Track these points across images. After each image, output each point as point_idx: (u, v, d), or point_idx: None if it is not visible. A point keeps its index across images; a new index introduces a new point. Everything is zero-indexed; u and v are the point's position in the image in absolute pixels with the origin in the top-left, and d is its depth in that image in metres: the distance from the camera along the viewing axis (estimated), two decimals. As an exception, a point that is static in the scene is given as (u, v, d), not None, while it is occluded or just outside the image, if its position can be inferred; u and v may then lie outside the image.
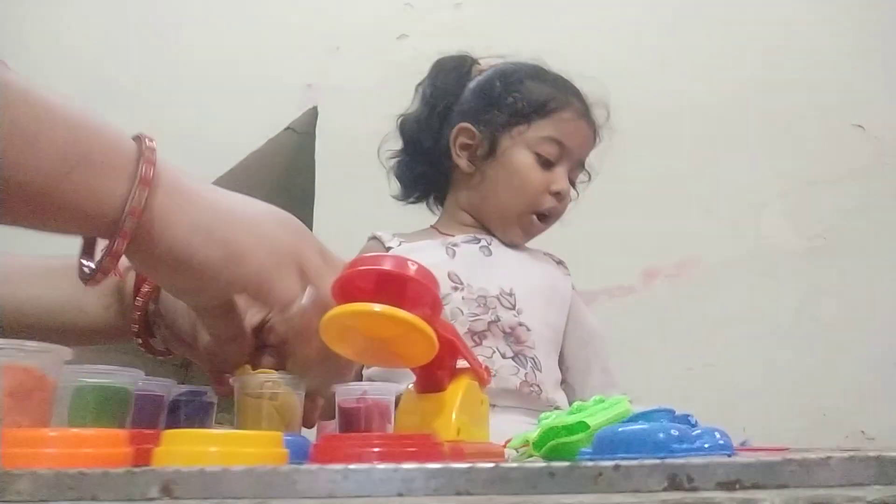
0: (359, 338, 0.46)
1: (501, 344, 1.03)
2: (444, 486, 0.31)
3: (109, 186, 0.41)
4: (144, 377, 0.59)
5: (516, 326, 1.04)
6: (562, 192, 1.08)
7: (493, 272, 1.07)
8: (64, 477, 0.31)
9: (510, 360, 1.01)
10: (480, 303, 1.02)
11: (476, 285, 1.03)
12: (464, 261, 1.06)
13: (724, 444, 0.37)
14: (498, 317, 1.03)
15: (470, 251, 1.08)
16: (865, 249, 1.62)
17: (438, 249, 1.07)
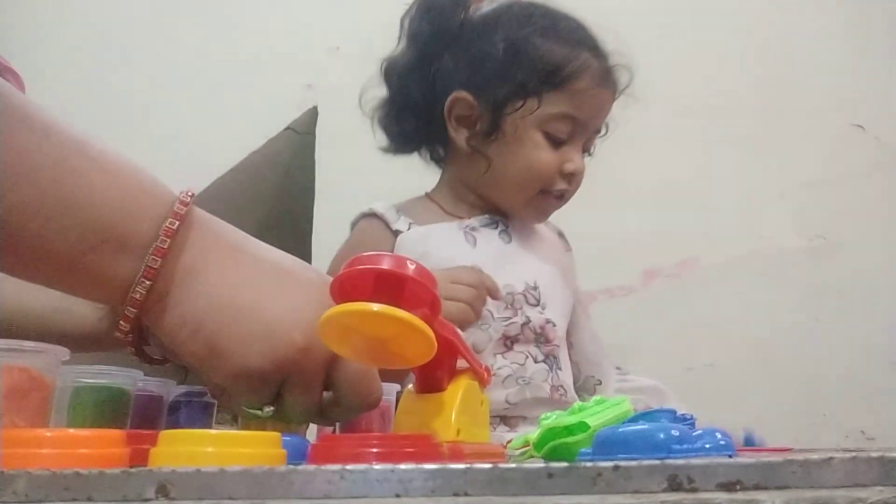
0: (357, 338, 0.46)
1: (532, 347, 0.96)
2: (442, 487, 0.31)
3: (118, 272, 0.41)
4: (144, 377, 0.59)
5: (545, 325, 0.97)
6: (576, 172, 0.97)
7: (516, 263, 0.99)
8: (59, 477, 0.31)
9: (542, 364, 0.96)
10: (508, 302, 0.95)
11: (502, 281, 0.94)
12: (486, 251, 0.97)
13: (725, 444, 0.37)
14: (528, 318, 0.96)
15: (491, 239, 0.99)
16: (865, 249, 1.61)
17: (456, 235, 0.98)
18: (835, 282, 1.61)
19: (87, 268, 0.40)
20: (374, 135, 1.08)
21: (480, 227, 1.00)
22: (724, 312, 1.59)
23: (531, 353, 0.96)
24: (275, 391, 0.46)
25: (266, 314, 0.44)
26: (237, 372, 0.43)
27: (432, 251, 0.95)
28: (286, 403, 0.46)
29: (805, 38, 1.72)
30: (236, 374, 0.44)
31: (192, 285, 0.43)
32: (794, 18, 1.74)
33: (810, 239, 1.64)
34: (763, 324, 1.59)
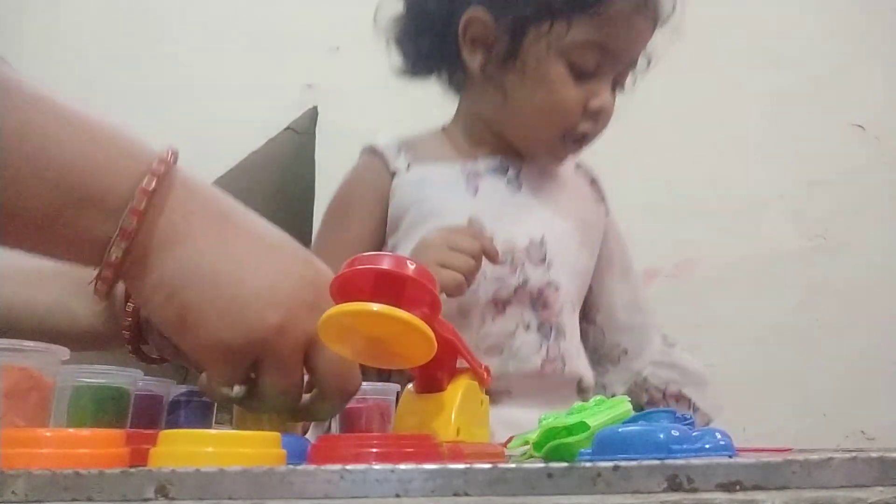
0: (357, 338, 0.46)
1: (527, 312, 0.87)
2: (442, 487, 0.31)
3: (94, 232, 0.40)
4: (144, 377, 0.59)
5: (545, 287, 0.87)
6: (602, 109, 0.87)
7: (521, 215, 0.90)
8: (59, 477, 0.31)
9: (533, 334, 0.86)
10: (507, 259, 0.86)
11: (502, 234, 0.85)
12: (488, 200, 0.89)
13: (725, 444, 0.37)
14: (526, 278, 0.86)
15: (495, 186, 0.90)
16: (865, 249, 1.61)
17: (457, 180, 0.89)
18: (835, 282, 1.60)
19: (62, 227, 0.39)
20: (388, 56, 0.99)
21: (485, 173, 0.90)
22: (724, 312, 1.58)
23: (524, 319, 0.86)
24: (245, 369, 0.44)
25: (243, 287, 0.42)
26: (206, 343, 0.42)
27: (428, 196, 0.88)
28: (262, 386, 0.45)
29: (805, 38, 1.72)
30: (205, 345, 0.42)
31: (171, 250, 0.41)
32: (794, 18, 1.73)
33: (810, 239, 1.64)
34: (763, 324, 1.59)
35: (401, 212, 0.90)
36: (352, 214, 0.94)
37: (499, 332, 0.86)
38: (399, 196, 0.91)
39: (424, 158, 0.92)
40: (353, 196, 0.95)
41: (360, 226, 0.92)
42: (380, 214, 0.92)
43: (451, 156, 0.93)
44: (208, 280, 0.41)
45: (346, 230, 0.93)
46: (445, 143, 0.95)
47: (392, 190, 0.92)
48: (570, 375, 0.88)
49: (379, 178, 0.93)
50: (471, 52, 0.88)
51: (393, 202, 0.91)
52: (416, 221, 0.88)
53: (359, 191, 0.95)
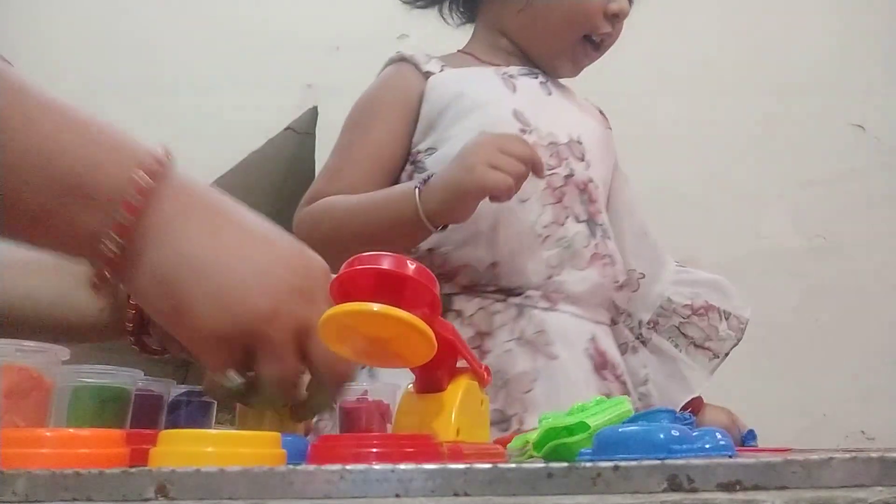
0: (357, 338, 0.46)
1: (577, 204, 0.87)
2: (442, 487, 0.31)
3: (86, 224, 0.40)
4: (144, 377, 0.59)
5: (588, 182, 0.88)
6: (621, 12, 0.89)
7: (559, 113, 0.91)
8: (59, 477, 0.31)
9: (583, 226, 0.86)
10: (552, 151, 0.86)
11: (545, 129, 0.87)
12: (527, 97, 0.89)
13: (725, 444, 0.37)
14: (572, 170, 0.87)
15: (531, 86, 0.91)
16: (865, 249, 1.61)
17: (493, 79, 0.90)
18: (835, 282, 1.61)
19: (56, 219, 0.39)
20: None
21: (519, 76, 0.91)
22: (723, 312, 1.58)
23: (575, 211, 0.86)
24: (237, 357, 0.44)
25: (233, 275, 0.42)
26: (198, 332, 0.42)
27: (468, 92, 0.88)
28: (260, 376, 0.45)
29: (805, 38, 1.72)
30: (197, 334, 0.42)
31: (165, 243, 0.41)
32: (794, 19, 1.73)
33: (810, 239, 1.64)
34: (763, 324, 1.59)
35: (439, 108, 0.87)
36: (377, 117, 0.90)
37: (555, 219, 0.85)
38: (436, 94, 0.88)
39: (456, 65, 0.92)
40: (380, 100, 0.92)
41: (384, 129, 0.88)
42: (408, 118, 0.89)
43: (479, 64, 0.93)
44: (199, 270, 0.42)
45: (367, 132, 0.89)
46: (469, 57, 0.95)
47: (427, 90, 0.89)
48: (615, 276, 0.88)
49: (410, 81, 0.91)
50: None
51: (428, 102, 0.88)
52: (458, 116, 0.86)
53: (387, 95, 0.92)
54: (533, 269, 0.80)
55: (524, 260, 0.80)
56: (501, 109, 0.86)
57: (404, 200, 0.74)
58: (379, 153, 0.86)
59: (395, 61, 0.94)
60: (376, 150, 0.86)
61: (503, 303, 0.78)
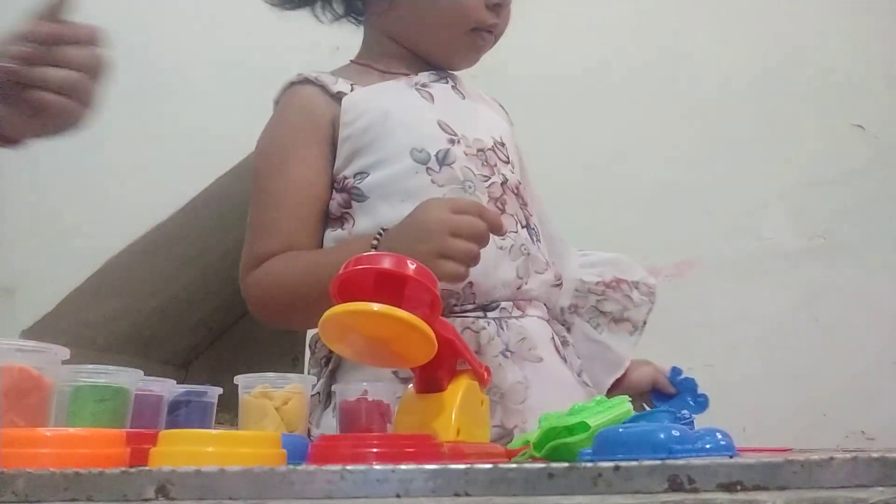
0: (358, 337, 0.46)
1: (517, 209, 0.84)
2: (443, 487, 0.31)
3: None
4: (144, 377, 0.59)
5: (518, 185, 0.85)
6: (502, 2, 0.85)
7: (477, 118, 0.87)
8: (59, 477, 0.31)
9: (526, 232, 0.83)
10: (482, 159, 0.83)
11: (470, 136, 0.83)
12: (445, 105, 0.85)
13: (726, 444, 0.37)
14: (504, 175, 0.83)
15: (445, 92, 0.87)
16: (865, 249, 1.61)
17: (409, 93, 0.85)
18: (835, 282, 1.60)
19: None
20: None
21: (430, 83, 0.87)
22: (724, 312, 1.58)
23: (518, 216, 0.83)
24: None
25: None
26: None
27: (390, 111, 0.82)
28: None
29: (805, 38, 1.72)
30: None
31: None
32: (794, 18, 1.73)
33: (810, 239, 1.64)
34: (763, 324, 1.59)
35: (361, 130, 0.82)
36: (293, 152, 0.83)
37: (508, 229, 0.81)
38: (354, 116, 0.82)
39: (362, 82, 0.86)
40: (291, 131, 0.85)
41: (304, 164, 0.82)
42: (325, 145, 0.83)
43: (383, 77, 0.88)
44: None
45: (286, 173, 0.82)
46: (368, 69, 0.89)
47: (342, 113, 0.83)
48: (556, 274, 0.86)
49: (318, 105, 0.85)
50: None
51: (347, 126, 0.82)
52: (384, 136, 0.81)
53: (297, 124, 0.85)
54: (505, 282, 0.79)
55: (498, 274, 0.79)
56: (426, 124, 0.82)
57: None
58: (307, 193, 0.81)
59: (296, 84, 0.87)
60: (303, 189, 0.81)
61: (484, 319, 0.78)
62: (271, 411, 0.72)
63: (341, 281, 0.45)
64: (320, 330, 0.44)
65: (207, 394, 0.71)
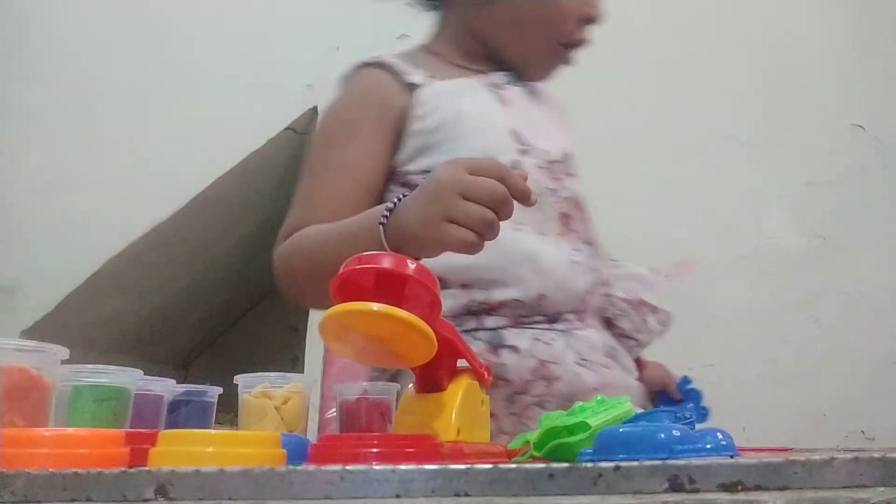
0: (358, 337, 0.46)
1: (583, 225, 0.82)
2: (443, 487, 0.31)
3: None
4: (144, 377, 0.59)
5: (582, 200, 0.84)
6: (596, 18, 0.84)
7: (549, 127, 0.86)
8: (58, 477, 0.31)
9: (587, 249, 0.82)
10: (550, 171, 0.81)
11: (538, 146, 0.81)
12: (518, 112, 0.83)
13: (726, 444, 0.37)
14: (570, 190, 0.82)
15: (520, 98, 0.85)
16: (865, 249, 1.61)
17: (485, 94, 0.83)
18: (835, 282, 1.60)
19: None
20: None
21: (506, 85, 0.85)
22: (724, 312, 1.58)
23: (581, 231, 0.82)
24: None
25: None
26: None
27: (465, 112, 0.80)
28: None
29: (806, 38, 1.72)
30: None
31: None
32: (795, 19, 1.73)
33: (810, 239, 1.64)
34: (763, 324, 1.59)
35: (433, 128, 0.80)
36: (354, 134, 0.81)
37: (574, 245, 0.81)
38: (428, 110, 0.80)
39: (438, 73, 0.83)
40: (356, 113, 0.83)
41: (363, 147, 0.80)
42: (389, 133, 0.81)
43: (457, 70, 0.85)
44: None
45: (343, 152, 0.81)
46: (440, 60, 0.86)
47: (415, 106, 0.80)
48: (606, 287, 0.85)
49: (389, 92, 0.82)
50: None
51: (419, 119, 0.80)
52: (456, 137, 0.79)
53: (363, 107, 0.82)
54: (574, 295, 0.78)
55: (569, 288, 0.78)
56: (499, 131, 0.81)
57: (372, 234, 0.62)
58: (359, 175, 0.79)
59: (369, 66, 0.84)
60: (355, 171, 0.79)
61: (553, 331, 0.77)
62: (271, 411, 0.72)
63: (341, 280, 0.45)
64: (320, 330, 0.44)
65: (207, 394, 0.71)
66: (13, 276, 1.60)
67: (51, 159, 1.66)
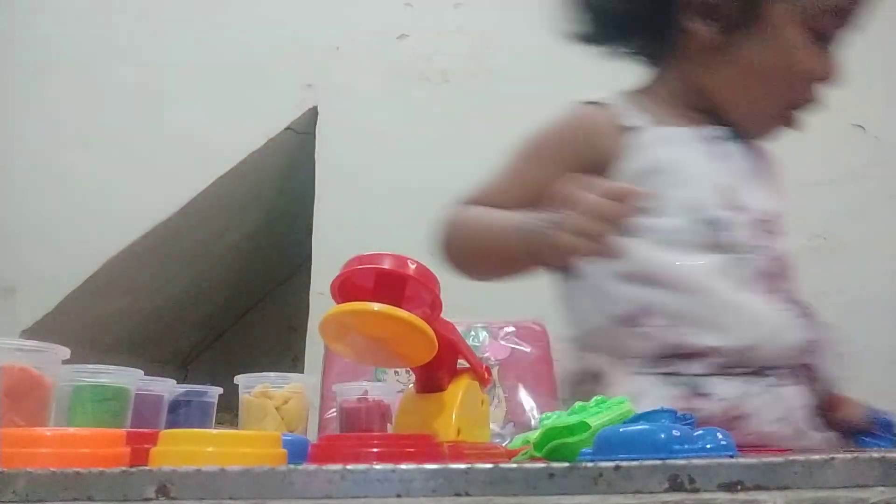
0: (358, 337, 0.46)
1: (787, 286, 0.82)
2: (443, 487, 0.31)
3: None
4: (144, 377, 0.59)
5: (786, 258, 0.83)
6: (831, 78, 0.83)
7: (759, 187, 0.86)
8: (60, 477, 0.31)
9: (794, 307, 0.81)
10: (761, 229, 0.81)
11: (748, 202, 0.81)
12: (731, 166, 0.83)
13: (726, 444, 0.37)
14: (781, 251, 0.82)
15: (733, 153, 0.84)
16: (865, 249, 1.61)
17: (700, 146, 0.82)
18: (835, 282, 1.60)
19: None
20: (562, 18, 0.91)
21: (723, 140, 0.84)
22: (724, 312, 1.58)
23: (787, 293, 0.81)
24: None
25: None
26: None
27: (679, 163, 0.80)
28: None
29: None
30: None
31: None
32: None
33: (810, 239, 1.64)
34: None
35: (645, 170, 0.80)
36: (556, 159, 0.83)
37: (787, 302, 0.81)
38: (644, 155, 0.81)
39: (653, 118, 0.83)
40: (557, 142, 0.85)
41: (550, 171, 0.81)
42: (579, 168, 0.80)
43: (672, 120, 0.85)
44: None
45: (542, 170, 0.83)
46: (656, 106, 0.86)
47: (630, 147, 0.81)
48: None
49: (601, 132, 0.83)
50: (697, 18, 0.81)
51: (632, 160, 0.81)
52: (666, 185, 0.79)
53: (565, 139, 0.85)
54: (783, 351, 0.78)
55: (779, 342, 0.77)
56: (708, 183, 0.81)
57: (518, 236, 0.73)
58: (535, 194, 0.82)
59: (588, 105, 0.85)
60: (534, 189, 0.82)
61: (755, 385, 0.75)
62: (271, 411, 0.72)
63: (341, 281, 0.45)
64: (320, 330, 0.44)
65: (207, 394, 0.71)
66: (13, 276, 1.60)
67: (51, 159, 1.66)
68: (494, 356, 1.00)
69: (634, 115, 0.82)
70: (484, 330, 1.04)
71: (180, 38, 1.74)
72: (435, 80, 1.72)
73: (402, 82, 1.72)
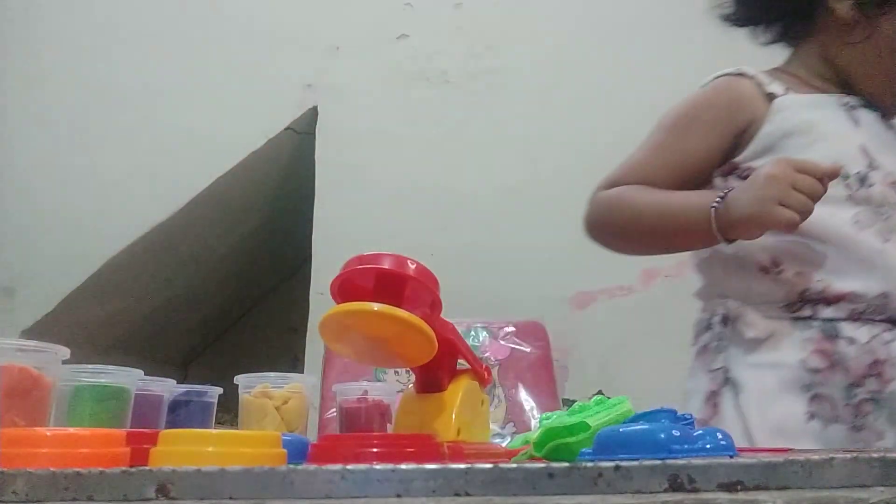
0: (358, 337, 0.46)
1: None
2: (443, 487, 0.31)
3: None
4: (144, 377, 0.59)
5: None
6: None
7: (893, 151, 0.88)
8: (60, 477, 0.31)
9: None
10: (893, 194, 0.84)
11: (889, 167, 0.85)
12: (869, 132, 0.87)
13: (726, 444, 0.37)
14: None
15: (871, 120, 0.89)
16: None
17: (836, 110, 0.88)
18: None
19: None
20: None
21: (859, 107, 0.89)
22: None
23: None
24: None
25: None
26: None
27: (816, 122, 0.86)
28: None
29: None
30: None
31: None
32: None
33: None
34: (763, 324, 1.58)
35: (783, 132, 0.86)
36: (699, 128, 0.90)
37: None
38: (783, 118, 0.87)
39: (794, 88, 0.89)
40: (707, 111, 0.91)
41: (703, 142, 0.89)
42: (731, 134, 0.89)
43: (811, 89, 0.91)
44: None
45: (684, 140, 0.90)
46: (796, 80, 0.92)
47: (771, 112, 0.87)
48: None
49: (747, 99, 0.89)
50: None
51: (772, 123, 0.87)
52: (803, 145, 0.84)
53: (716, 108, 0.91)
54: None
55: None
56: (847, 144, 0.86)
57: (700, 213, 0.79)
58: (689, 163, 0.89)
59: (731, 77, 0.92)
60: (688, 159, 0.89)
61: (891, 332, 0.78)
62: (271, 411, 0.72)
63: (341, 281, 0.45)
64: (320, 330, 0.44)
65: (207, 394, 0.71)
66: (13, 276, 1.60)
67: (51, 159, 1.66)
68: (494, 356, 1.00)
69: (775, 83, 0.89)
70: (484, 330, 1.04)
71: (181, 38, 1.74)
72: (435, 80, 1.72)
73: (402, 82, 1.72)
